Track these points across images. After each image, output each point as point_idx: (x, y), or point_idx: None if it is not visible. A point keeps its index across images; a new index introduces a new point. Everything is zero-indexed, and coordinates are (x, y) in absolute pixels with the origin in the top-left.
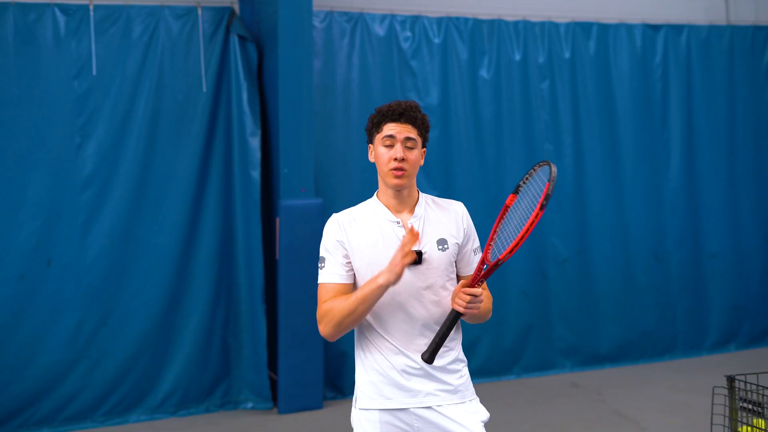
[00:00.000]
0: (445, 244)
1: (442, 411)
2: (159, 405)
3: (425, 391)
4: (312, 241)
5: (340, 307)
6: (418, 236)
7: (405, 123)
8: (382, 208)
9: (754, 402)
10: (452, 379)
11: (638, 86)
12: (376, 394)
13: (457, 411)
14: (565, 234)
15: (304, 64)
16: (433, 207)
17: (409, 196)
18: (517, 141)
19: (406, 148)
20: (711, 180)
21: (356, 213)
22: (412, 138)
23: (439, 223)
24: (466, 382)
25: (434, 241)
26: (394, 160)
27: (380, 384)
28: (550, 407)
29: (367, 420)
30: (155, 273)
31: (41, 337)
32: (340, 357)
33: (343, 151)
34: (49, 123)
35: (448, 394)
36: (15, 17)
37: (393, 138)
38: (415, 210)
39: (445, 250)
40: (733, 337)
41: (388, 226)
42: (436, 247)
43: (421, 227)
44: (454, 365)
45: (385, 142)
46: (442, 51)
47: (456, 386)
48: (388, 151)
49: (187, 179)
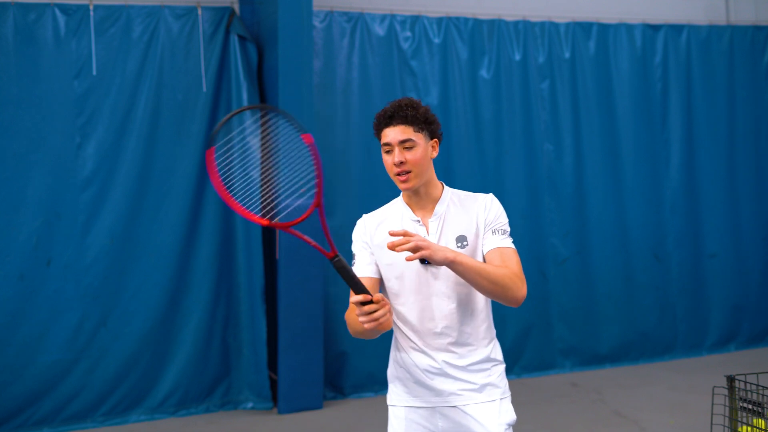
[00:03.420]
0: (465, 241)
1: (466, 410)
2: (159, 405)
3: (449, 391)
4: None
5: (349, 320)
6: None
7: (398, 125)
8: (405, 208)
9: (754, 402)
10: (477, 378)
11: (638, 86)
12: (402, 392)
13: (481, 410)
14: (565, 234)
15: (304, 64)
16: (455, 203)
17: (427, 194)
18: (517, 141)
19: (405, 149)
20: (711, 180)
21: (382, 214)
22: (409, 138)
23: (459, 220)
24: (496, 381)
25: (453, 239)
26: (395, 165)
27: (407, 381)
28: (550, 407)
29: (395, 416)
30: (155, 273)
31: (41, 337)
32: (340, 357)
33: (343, 151)
34: (49, 123)
35: (474, 393)
36: (15, 17)
37: (389, 144)
38: (435, 208)
39: (464, 247)
40: (733, 337)
41: (411, 225)
42: (456, 245)
43: (440, 226)
44: (480, 365)
45: (384, 149)
46: (442, 51)
47: (482, 385)
48: (389, 157)
49: (187, 179)
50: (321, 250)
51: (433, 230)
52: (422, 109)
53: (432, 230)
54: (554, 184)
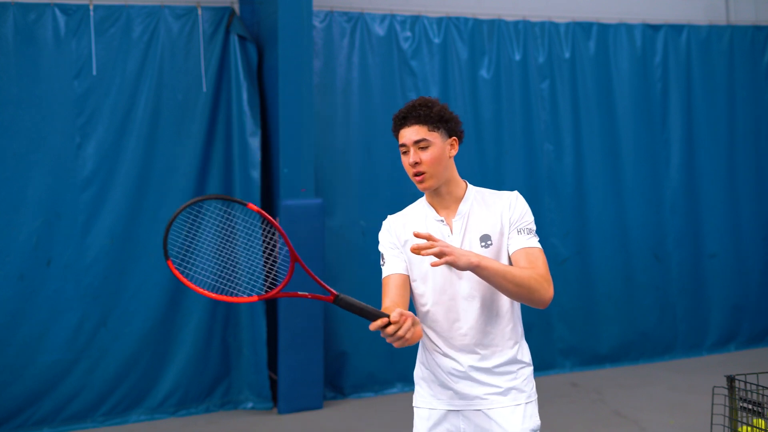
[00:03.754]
0: (489, 240)
1: (491, 414)
2: (159, 405)
3: (473, 394)
4: (312, 241)
5: None
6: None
7: (412, 125)
8: (428, 208)
9: (754, 402)
10: (502, 381)
11: (638, 86)
12: (427, 393)
13: (505, 414)
14: (565, 234)
15: (304, 64)
16: (479, 202)
17: (449, 193)
18: (517, 141)
19: (419, 149)
20: (711, 180)
21: (407, 215)
22: (423, 138)
23: (483, 219)
24: (521, 385)
25: (477, 238)
26: (411, 166)
27: (432, 383)
28: (550, 407)
29: (419, 417)
30: (155, 273)
31: (41, 337)
32: (340, 357)
33: (343, 151)
34: (49, 123)
35: (499, 396)
36: (15, 17)
37: (405, 145)
38: (458, 207)
39: (488, 247)
40: (733, 337)
41: (435, 225)
42: (479, 244)
43: (464, 225)
44: (506, 367)
45: (401, 150)
46: (442, 51)
47: (507, 388)
48: (406, 158)
49: (187, 179)
50: (321, 298)
51: (457, 230)
52: (437, 108)
53: (456, 230)
54: (554, 184)
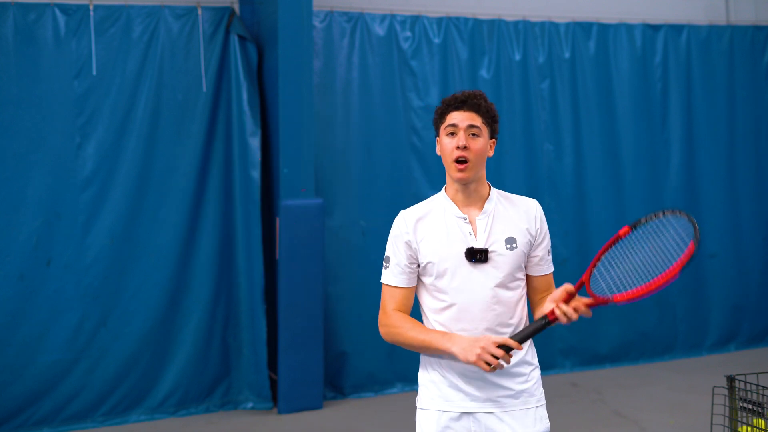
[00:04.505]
0: (514, 243)
1: (501, 417)
2: (159, 405)
3: (484, 396)
4: (312, 241)
5: (406, 335)
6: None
7: (468, 111)
8: (449, 204)
9: (754, 402)
10: (514, 383)
11: (638, 86)
12: (436, 395)
13: (516, 418)
14: (565, 234)
15: (304, 64)
16: (504, 203)
17: (476, 190)
18: (517, 141)
19: (470, 135)
20: (711, 180)
21: (422, 209)
22: (476, 125)
23: (510, 220)
24: (532, 387)
25: (503, 239)
26: (457, 148)
27: (441, 385)
28: (550, 407)
29: (426, 420)
30: (155, 273)
31: (41, 337)
32: (340, 357)
33: (343, 151)
34: (49, 123)
35: (510, 399)
36: (15, 17)
37: (455, 126)
38: (484, 206)
39: (513, 250)
40: (733, 337)
41: (455, 222)
42: (504, 245)
43: (489, 224)
44: (517, 368)
45: (448, 131)
46: (442, 51)
47: (518, 391)
48: (452, 140)
49: (187, 179)
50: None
51: (481, 229)
52: (492, 106)
53: (480, 228)
54: (554, 184)
